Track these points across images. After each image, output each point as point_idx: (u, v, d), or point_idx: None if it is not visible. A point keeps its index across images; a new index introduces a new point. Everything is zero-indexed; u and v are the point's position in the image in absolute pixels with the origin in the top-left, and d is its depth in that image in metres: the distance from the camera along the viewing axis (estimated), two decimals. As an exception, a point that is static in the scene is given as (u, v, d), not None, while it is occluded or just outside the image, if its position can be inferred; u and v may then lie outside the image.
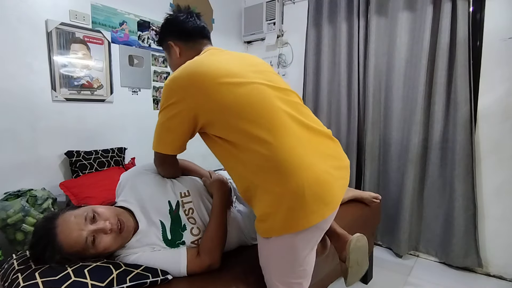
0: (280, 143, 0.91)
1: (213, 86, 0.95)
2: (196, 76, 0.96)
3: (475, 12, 2.17)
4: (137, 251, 1.06)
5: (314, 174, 0.91)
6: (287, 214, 0.91)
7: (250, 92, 0.96)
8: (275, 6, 3.23)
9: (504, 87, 2.10)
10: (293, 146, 0.92)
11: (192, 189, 1.23)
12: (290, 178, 0.89)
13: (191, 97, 0.96)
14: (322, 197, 0.92)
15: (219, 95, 0.94)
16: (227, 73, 0.97)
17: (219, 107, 0.95)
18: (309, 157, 0.94)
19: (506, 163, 2.12)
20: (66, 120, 2.21)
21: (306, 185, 0.89)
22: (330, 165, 0.97)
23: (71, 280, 0.86)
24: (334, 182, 0.95)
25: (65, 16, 2.16)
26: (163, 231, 1.10)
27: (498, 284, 2.15)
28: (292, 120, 0.98)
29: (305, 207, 0.89)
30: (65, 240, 0.94)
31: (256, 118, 0.93)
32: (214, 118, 0.97)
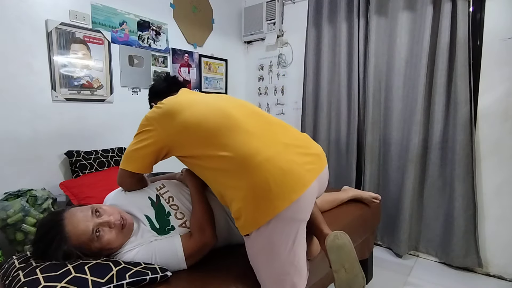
0: (236, 143, 1.03)
1: (175, 113, 1.12)
2: (162, 109, 1.16)
3: (475, 12, 2.17)
4: (135, 247, 1.09)
5: (277, 164, 0.98)
6: (255, 205, 0.97)
7: (204, 110, 1.13)
8: (275, 6, 3.23)
9: (504, 87, 2.10)
10: (247, 141, 1.03)
11: (166, 182, 1.32)
12: (254, 171, 0.97)
13: (159, 124, 1.13)
14: (289, 184, 0.97)
15: (179, 119, 1.10)
16: (186, 102, 1.17)
17: (180, 128, 1.10)
18: (269, 148, 1.02)
19: (506, 163, 2.12)
20: (66, 120, 2.21)
21: (270, 177, 0.96)
22: (292, 152, 1.05)
23: (72, 276, 0.87)
24: (299, 169, 1.01)
25: (65, 16, 2.17)
26: (150, 223, 1.16)
27: (498, 284, 2.14)
28: (245, 115, 1.12)
29: (271, 195, 0.95)
30: (73, 230, 0.99)
31: (213, 131, 1.07)
32: (178, 139, 1.12)
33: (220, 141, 1.05)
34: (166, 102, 1.19)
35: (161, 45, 2.80)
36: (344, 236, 1.13)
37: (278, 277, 1.03)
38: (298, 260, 1.05)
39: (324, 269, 1.51)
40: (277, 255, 1.01)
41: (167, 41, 2.86)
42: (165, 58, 2.85)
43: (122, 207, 1.19)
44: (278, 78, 3.46)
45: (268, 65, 3.53)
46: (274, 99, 3.51)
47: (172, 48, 2.90)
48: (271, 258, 1.02)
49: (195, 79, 3.15)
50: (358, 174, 2.77)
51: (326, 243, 1.14)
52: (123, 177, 1.22)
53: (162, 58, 2.82)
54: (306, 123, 3.06)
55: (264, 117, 1.17)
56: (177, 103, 1.16)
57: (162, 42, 2.81)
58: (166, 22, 2.84)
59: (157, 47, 2.77)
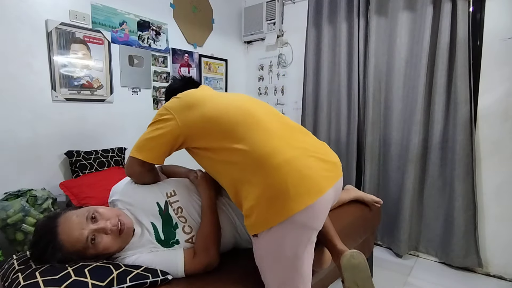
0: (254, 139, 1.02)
1: (195, 104, 1.12)
2: (182, 99, 1.16)
3: (475, 12, 2.17)
4: (135, 253, 1.07)
5: (296, 167, 0.96)
6: (269, 204, 0.94)
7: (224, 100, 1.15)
8: (275, 6, 3.23)
9: (504, 87, 2.10)
10: (266, 139, 1.01)
11: (178, 188, 1.24)
12: (274, 171, 0.95)
13: (177, 114, 1.11)
14: (306, 188, 0.95)
15: (199, 111, 1.10)
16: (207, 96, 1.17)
17: (199, 119, 1.09)
18: (288, 150, 1.00)
19: (506, 163, 2.12)
20: (66, 120, 2.21)
21: (289, 179, 0.94)
22: (311, 157, 1.02)
23: (71, 279, 0.86)
24: (316, 174, 0.99)
25: (65, 16, 2.16)
26: (155, 232, 1.11)
27: (498, 284, 2.15)
28: (265, 114, 1.11)
29: (287, 197, 0.93)
30: (67, 239, 0.96)
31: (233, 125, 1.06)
32: (195, 131, 1.10)
33: (237, 135, 1.03)
34: (186, 93, 1.19)
35: (161, 45, 2.80)
36: (360, 256, 1.14)
37: (282, 280, 1.03)
38: (304, 268, 1.04)
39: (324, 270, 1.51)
40: (284, 259, 1.00)
41: (167, 41, 2.86)
42: (165, 58, 2.85)
43: (130, 207, 1.15)
44: (278, 78, 3.46)
45: (268, 65, 3.53)
46: (274, 99, 3.50)
47: (172, 48, 2.90)
48: (278, 261, 1.01)
49: (195, 79, 3.15)
50: (358, 174, 2.77)
51: (342, 262, 1.15)
52: (133, 167, 1.15)
53: (162, 58, 2.82)
54: (306, 123, 3.05)
55: (284, 119, 1.16)
56: (198, 96, 1.17)
57: (162, 42, 2.81)
58: (166, 22, 2.84)
59: (157, 47, 2.77)
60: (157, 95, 2.81)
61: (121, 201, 1.19)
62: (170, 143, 1.12)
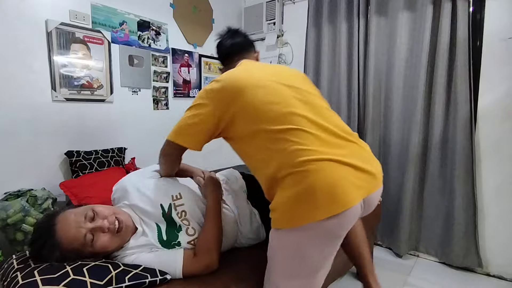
0: (295, 141, 0.98)
1: (235, 92, 1.08)
2: (221, 84, 1.12)
3: (475, 12, 2.17)
4: (135, 252, 1.07)
5: (329, 175, 0.93)
6: (295, 206, 0.94)
7: (267, 92, 1.07)
8: (275, 6, 3.23)
9: (504, 87, 2.10)
10: (304, 142, 0.97)
11: (184, 191, 1.24)
12: (306, 175, 0.93)
13: (215, 103, 1.09)
14: (334, 198, 0.92)
15: (239, 101, 1.06)
16: (250, 79, 1.11)
17: (241, 108, 1.06)
18: (324, 155, 0.96)
19: (506, 163, 2.12)
20: (66, 120, 2.21)
21: (318, 185, 0.91)
22: (347, 166, 0.97)
23: (70, 278, 0.86)
24: (348, 185, 0.94)
25: (65, 16, 2.17)
26: (159, 233, 1.12)
27: (498, 284, 2.14)
28: (308, 110, 1.05)
29: (314, 203, 0.91)
30: (64, 237, 0.97)
31: (274, 119, 1.02)
32: (237, 119, 1.08)
33: (277, 136, 1.01)
34: (226, 78, 1.14)
35: (161, 45, 2.80)
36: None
37: (288, 276, 1.03)
38: (317, 278, 1.04)
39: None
40: (297, 259, 1.00)
41: (167, 41, 2.86)
42: (165, 58, 2.85)
43: (133, 206, 1.15)
44: (278, 78, 3.45)
45: (268, 65, 3.52)
46: (274, 99, 3.50)
47: (172, 48, 2.90)
48: (291, 258, 1.01)
49: (195, 79, 3.15)
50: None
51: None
52: (171, 150, 1.17)
53: (162, 58, 2.82)
54: (306, 123, 3.04)
55: (330, 118, 1.09)
56: (237, 81, 1.11)
57: (162, 42, 2.81)
58: (166, 22, 2.84)
59: (157, 47, 2.77)
60: (157, 95, 2.81)
61: (126, 200, 1.19)
62: (209, 132, 1.12)
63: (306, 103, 1.07)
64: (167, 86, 2.89)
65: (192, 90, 3.13)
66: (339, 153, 0.98)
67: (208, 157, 3.39)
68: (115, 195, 1.25)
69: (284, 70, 1.22)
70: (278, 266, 1.05)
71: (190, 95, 3.11)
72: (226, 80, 1.12)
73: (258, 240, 1.34)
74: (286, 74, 1.18)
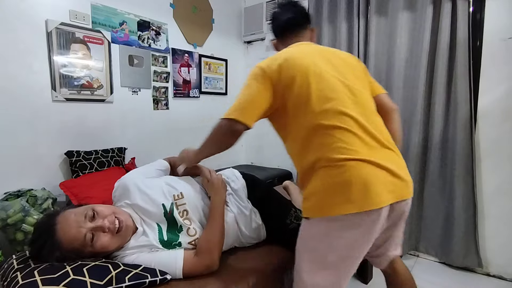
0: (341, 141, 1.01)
1: (296, 76, 1.10)
2: (284, 64, 1.12)
3: (475, 12, 2.17)
4: (135, 252, 1.07)
5: (365, 175, 0.96)
6: (329, 196, 0.98)
7: (325, 87, 1.09)
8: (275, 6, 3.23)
9: (504, 87, 2.10)
10: (351, 142, 1.01)
11: (186, 190, 1.24)
12: (344, 171, 0.97)
13: (276, 79, 1.11)
14: (366, 195, 0.95)
15: (298, 85, 1.09)
16: (311, 67, 1.12)
17: (297, 95, 1.09)
18: (366, 156, 0.99)
19: (506, 163, 2.12)
20: (66, 120, 2.21)
21: (353, 181, 0.95)
22: (384, 170, 1.00)
23: (70, 278, 0.86)
24: (382, 190, 0.97)
25: (65, 16, 2.17)
26: (160, 233, 1.11)
27: (498, 284, 2.14)
28: (356, 122, 1.05)
29: (347, 195, 0.95)
30: (64, 237, 0.97)
31: (326, 115, 1.05)
32: (289, 103, 1.10)
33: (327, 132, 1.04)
34: (285, 59, 1.14)
35: (161, 45, 2.80)
36: None
37: (315, 268, 1.04)
38: (343, 272, 1.05)
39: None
40: (327, 250, 1.02)
41: (167, 41, 2.86)
42: (165, 58, 2.85)
43: (135, 205, 1.15)
44: (278, 78, 3.45)
45: (268, 65, 3.52)
46: (274, 99, 3.50)
47: (172, 48, 2.90)
48: (319, 248, 1.03)
49: (195, 79, 3.15)
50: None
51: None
52: (222, 127, 1.16)
53: (162, 58, 2.82)
54: (306, 123, 3.05)
55: (374, 123, 1.11)
56: (297, 66, 1.12)
57: (162, 42, 2.81)
58: (166, 22, 2.84)
59: (157, 47, 2.77)
60: (157, 95, 2.81)
61: (127, 199, 1.18)
62: (261, 109, 1.12)
63: (357, 104, 1.09)
64: (167, 86, 2.89)
65: (192, 90, 3.13)
66: (378, 156, 1.01)
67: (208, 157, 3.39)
68: (116, 192, 1.25)
69: (342, 60, 1.22)
70: (306, 257, 1.07)
71: (190, 95, 3.11)
72: (286, 62, 1.13)
73: (258, 240, 1.34)
74: (344, 66, 1.19)
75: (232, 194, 1.36)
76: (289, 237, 1.32)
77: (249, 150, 3.85)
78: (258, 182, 1.49)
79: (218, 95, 3.46)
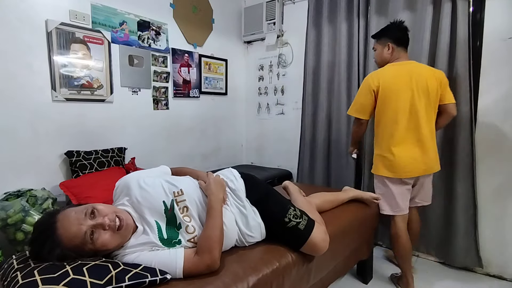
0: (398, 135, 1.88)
1: (387, 97, 1.89)
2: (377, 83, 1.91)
3: (475, 12, 2.17)
4: (135, 251, 1.07)
5: (406, 157, 1.86)
6: (386, 166, 1.92)
7: (402, 113, 1.87)
8: (275, 6, 3.23)
9: (504, 87, 2.10)
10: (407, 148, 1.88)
11: (186, 187, 1.25)
12: (395, 152, 1.88)
13: (377, 86, 1.90)
14: (403, 169, 1.87)
15: (387, 102, 1.89)
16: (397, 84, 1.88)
17: (383, 107, 1.92)
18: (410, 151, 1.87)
19: (506, 163, 2.12)
20: (66, 120, 2.21)
21: (397, 160, 1.87)
22: (417, 157, 1.87)
23: (70, 278, 0.86)
24: (414, 166, 1.87)
25: (65, 16, 2.17)
26: (159, 231, 1.11)
27: (498, 284, 2.14)
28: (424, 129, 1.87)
29: (396, 168, 1.88)
30: (65, 234, 0.97)
31: (393, 117, 1.88)
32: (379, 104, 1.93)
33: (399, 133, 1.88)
34: (383, 81, 1.89)
35: (161, 45, 2.80)
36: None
37: (390, 203, 1.96)
38: (401, 203, 1.93)
39: (324, 270, 1.51)
40: (388, 191, 1.96)
41: (167, 41, 2.86)
42: (165, 58, 2.85)
43: (135, 204, 1.15)
44: (278, 78, 3.46)
45: (268, 65, 3.53)
46: (274, 99, 3.51)
47: (172, 48, 2.90)
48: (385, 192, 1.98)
49: (195, 79, 3.15)
50: (358, 174, 2.77)
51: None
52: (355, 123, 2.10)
53: (162, 58, 2.82)
54: (306, 123, 3.06)
55: (427, 130, 1.88)
56: (390, 92, 1.87)
57: (162, 42, 2.82)
58: (166, 22, 2.84)
59: (157, 47, 2.77)
60: (157, 95, 2.81)
61: (127, 196, 1.18)
62: (371, 105, 1.95)
63: (411, 122, 1.87)
64: (167, 86, 2.89)
65: (192, 90, 3.13)
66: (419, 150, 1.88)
67: (208, 157, 3.40)
68: (117, 190, 1.25)
69: (423, 86, 1.87)
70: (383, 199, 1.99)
71: (190, 95, 3.11)
72: (382, 83, 1.89)
73: (258, 239, 1.34)
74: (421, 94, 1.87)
75: (230, 193, 1.36)
76: (288, 236, 1.33)
77: (249, 150, 3.86)
78: (257, 181, 1.49)
79: (218, 95, 3.46)
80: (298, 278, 1.32)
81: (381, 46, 2.00)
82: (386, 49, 1.97)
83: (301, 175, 3.15)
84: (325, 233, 1.39)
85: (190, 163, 3.12)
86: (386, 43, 1.96)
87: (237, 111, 3.75)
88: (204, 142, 3.32)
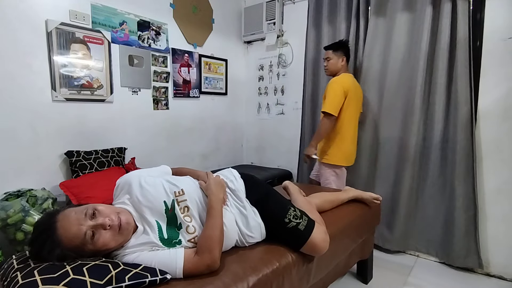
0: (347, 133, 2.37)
1: (350, 96, 2.31)
2: (346, 84, 2.31)
3: (475, 12, 2.17)
4: (136, 251, 1.07)
5: (353, 150, 2.45)
6: (337, 156, 2.37)
7: (355, 113, 2.41)
8: (275, 6, 3.23)
9: (504, 87, 2.10)
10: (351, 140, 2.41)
11: (187, 187, 1.24)
12: (350, 146, 2.40)
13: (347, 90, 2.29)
14: (350, 159, 2.45)
15: (351, 100, 2.31)
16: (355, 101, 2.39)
17: (347, 107, 2.31)
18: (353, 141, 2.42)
19: (507, 163, 2.12)
20: (66, 120, 2.21)
21: (349, 152, 2.42)
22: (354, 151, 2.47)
23: (70, 278, 0.86)
24: (353, 157, 2.48)
25: (65, 16, 2.17)
26: (159, 231, 1.11)
27: (498, 284, 2.14)
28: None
29: (347, 158, 2.41)
30: (65, 234, 0.96)
31: (350, 118, 2.36)
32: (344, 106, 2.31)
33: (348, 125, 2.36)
34: (348, 88, 2.29)
35: (161, 45, 2.80)
36: None
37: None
38: (342, 181, 2.44)
39: (324, 269, 1.51)
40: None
41: (167, 41, 2.86)
42: (165, 58, 2.85)
43: (135, 203, 1.15)
44: (278, 78, 3.46)
45: (268, 65, 3.53)
46: (274, 99, 3.51)
47: (172, 48, 2.90)
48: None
49: (195, 79, 3.15)
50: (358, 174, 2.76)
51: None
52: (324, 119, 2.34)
53: (162, 58, 2.82)
54: (305, 123, 3.06)
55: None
56: (352, 95, 2.32)
57: (162, 42, 2.82)
58: (166, 22, 2.84)
59: (157, 47, 2.77)
60: (157, 95, 2.81)
61: (128, 194, 1.18)
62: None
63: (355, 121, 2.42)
64: (167, 86, 2.89)
65: (192, 90, 3.13)
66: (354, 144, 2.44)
67: (208, 157, 3.40)
68: (118, 188, 1.24)
69: (360, 96, 2.48)
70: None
71: (190, 95, 3.11)
72: (345, 87, 2.29)
73: (258, 239, 1.34)
74: (359, 102, 2.47)
75: (230, 194, 1.36)
76: (288, 236, 1.33)
77: (249, 150, 3.86)
78: (257, 181, 1.49)
79: (218, 95, 3.46)
80: (298, 278, 1.32)
81: (337, 57, 2.39)
82: (341, 61, 2.39)
83: (301, 175, 3.15)
84: (325, 233, 1.38)
85: (190, 163, 3.12)
86: (342, 55, 2.38)
87: (237, 111, 3.75)
88: (204, 142, 3.32)
